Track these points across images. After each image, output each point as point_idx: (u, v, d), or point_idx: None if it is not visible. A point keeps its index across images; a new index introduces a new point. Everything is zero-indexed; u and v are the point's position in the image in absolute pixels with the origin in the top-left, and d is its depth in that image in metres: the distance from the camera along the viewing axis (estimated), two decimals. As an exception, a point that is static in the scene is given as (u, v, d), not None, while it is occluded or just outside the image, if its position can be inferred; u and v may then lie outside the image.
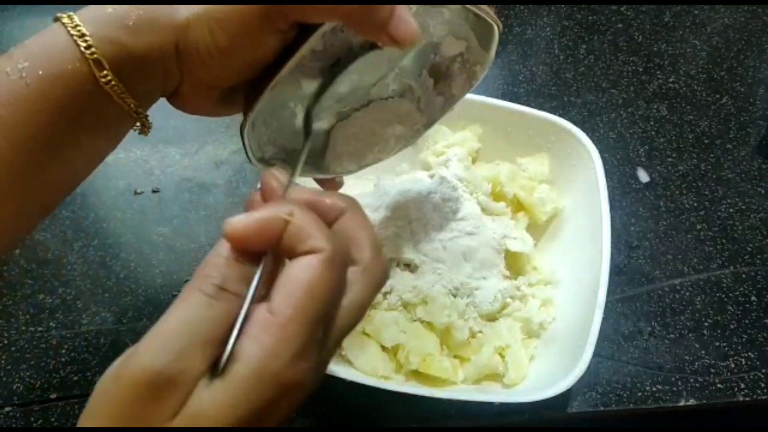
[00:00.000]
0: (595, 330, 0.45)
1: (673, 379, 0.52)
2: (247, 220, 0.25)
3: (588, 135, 0.56)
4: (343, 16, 0.30)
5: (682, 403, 0.51)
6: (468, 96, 0.58)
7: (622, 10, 0.80)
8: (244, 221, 0.25)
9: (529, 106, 0.58)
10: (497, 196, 0.56)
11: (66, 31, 0.30)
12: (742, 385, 0.52)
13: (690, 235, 0.61)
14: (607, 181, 0.53)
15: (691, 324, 0.55)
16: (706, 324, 0.55)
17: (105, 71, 0.30)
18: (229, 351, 0.23)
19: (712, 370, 0.52)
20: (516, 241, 0.53)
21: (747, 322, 0.55)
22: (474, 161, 0.60)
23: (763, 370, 0.52)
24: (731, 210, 0.62)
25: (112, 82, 0.30)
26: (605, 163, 0.54)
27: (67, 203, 0.62)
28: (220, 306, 0.24)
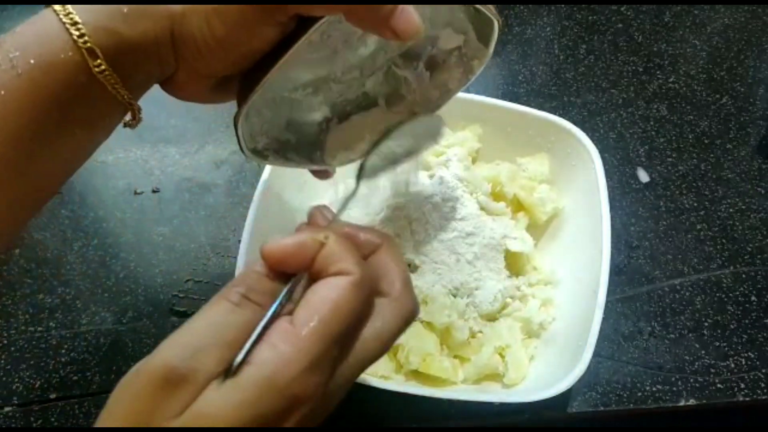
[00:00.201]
0: (595, 330, 0.45)
1: (673, 379, 0.52)
2: (285, 241, 0.27)
3: (588, 135, 0.55)
4: (344, 10, 0.30)
5: (682, 403, 0.51)
6: (468, 96, 0.59)
7: (622, 10, 0.80)
8: (281, 242, 0.26)
9: (529, 106, 0.58)
10: (497, 196, 0.56)
11: (58, 18, 0.29)
12: (742, 385, 0.52)
13: (690, 235, 0.61)
14: (607, 181, 0.53)
15: (691, 324, 0.55)
16: (706, 324, 0.55)
17: (99, 60, 0.29)
18: (243, 353, 0.24)
19: (712, 370, 0.52)
20: (516, 241, 0.53)
21: (747, 322, 0.55)
22: (474, 161, 0.60)
23: (763, 370, 0.52)
24: (731, 210, 0.62)
25: (106, 71, 0.29)
26: (605, 163, 0.54)
27: (66, 203, 0.62)
28: (242, 313, 0.25)
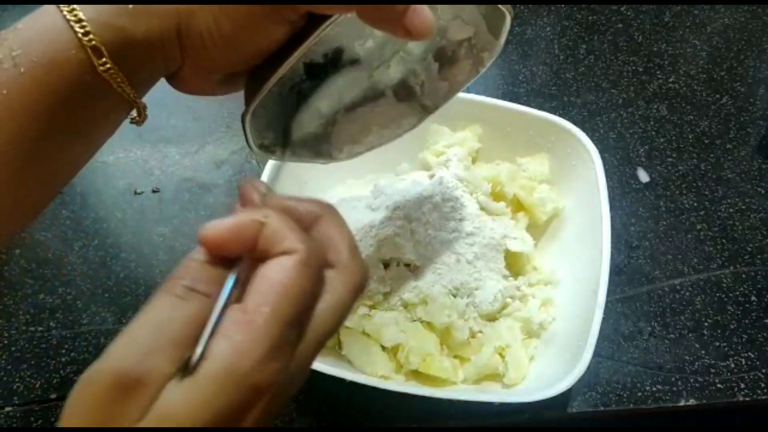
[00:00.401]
0: (595, 330, 0.45)
1: (673, 379, 0.52)
2: (222, 224, 0.25)
3: (588, 135, 0.55)
4: (357, 8, 0.29)
5: (682, 403, 0.51)
6: (468, 96, 0.59)
7: (622, 10, 0.80)
8: (218, 225, 0.25)
9: (529, 106, 0.58)
10: (497, 196, 0.56)
11: (62, 15, 0.28)
12: (742, 385, 0.52)
13: (690, 235, 0.61)
14: (607, 181, 0.53)
15: (691, 324, 0.55)
16: (706, 324, 0.55)
17: (104, 59, 0.28)
18: (200, 350, 0.23)
19: (712, 370, 0.52)
20: (516, 241, 0.53)
21: (747, 322, 0.55)
22: (474, 161, 0.60)
23: (763, 370, 0.52)
24: (731, 210, 0.62)
25: (111, 70, 0.29)
26: (605, 163, 0.54)
27: (67, 203, 0.62)
28: (188, 306, 0.24)
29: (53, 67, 0.28)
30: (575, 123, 0.56)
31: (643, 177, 0.65)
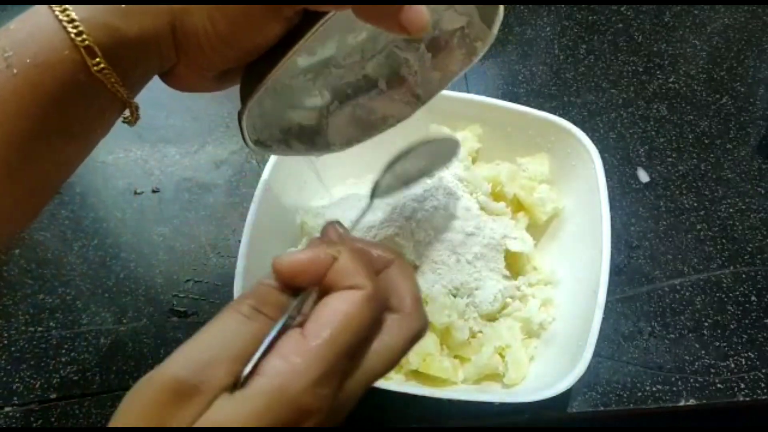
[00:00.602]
0: (595, 330, 0.45)
1: (673, 379, 0.52)
2: (298, 255, 0.26)
3: (588, 135, 0.55)
4: (353, 6, 0.29)
5: (682, 403, 0.51)
6: (468, 96, 0.59)
7: (622, 10, 0.80)
8: (294, 256, 0.26)
9: (529, 106, 0.58)
10: (497, 196, 0.56)
11: (54, 15, 0.28)
12: (742, 385, 0.52)
13: (690, 235, 0.60)
14: (607, 181, 0.53)
15: (691, 324, 0.55)
16: (706, 324, 0.55)
17: (98, 59, 0.28)
18: (252, 364, 0.24)
19: (712, 370, 0.52)
20: (516, 241, 0.53)
21: (747, 322, 0.55)
22: (474, 161, 0.60)
23: (763, 370, 0.52)
24: (731, 210, 0.62)
25: (105, 70, 0.29)
26: (605, 163, 0.54)
27: (66, 203, 0.62)
28: (252, 325, 0.25)
29: (46, 67, 0.28)
30: (575, 123, 0.56)
31: (643, 177, 0.65)
